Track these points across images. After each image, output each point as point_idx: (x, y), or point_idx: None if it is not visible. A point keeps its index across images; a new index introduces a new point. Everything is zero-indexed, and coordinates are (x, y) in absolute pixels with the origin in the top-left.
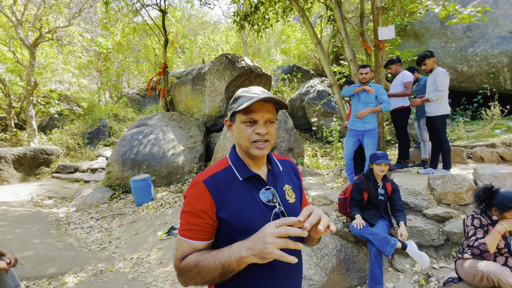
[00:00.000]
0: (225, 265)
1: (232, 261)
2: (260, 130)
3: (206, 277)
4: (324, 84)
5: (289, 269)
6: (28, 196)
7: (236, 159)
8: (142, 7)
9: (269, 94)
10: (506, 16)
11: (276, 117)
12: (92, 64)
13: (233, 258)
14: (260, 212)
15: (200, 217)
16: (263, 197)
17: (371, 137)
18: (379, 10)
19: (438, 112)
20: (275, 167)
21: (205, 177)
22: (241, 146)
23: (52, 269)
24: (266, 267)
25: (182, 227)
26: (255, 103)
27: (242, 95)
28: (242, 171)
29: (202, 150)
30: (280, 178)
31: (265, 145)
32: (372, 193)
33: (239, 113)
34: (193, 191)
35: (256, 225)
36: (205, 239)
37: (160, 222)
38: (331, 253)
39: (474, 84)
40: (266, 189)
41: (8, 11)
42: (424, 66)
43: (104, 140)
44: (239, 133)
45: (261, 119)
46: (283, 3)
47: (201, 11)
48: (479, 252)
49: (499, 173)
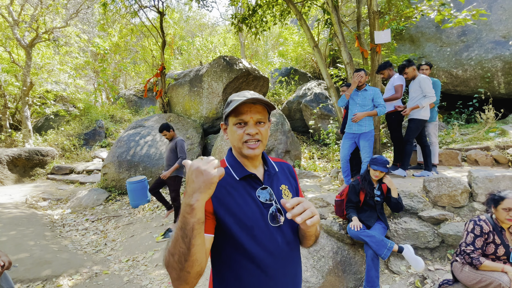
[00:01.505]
0: (182, 225)
1: (183, 213)
2: (250, 130)
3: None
4: (321, 86)
5: (285, 277)
6: (22, 198)
7: (232, 160)
8: (140, 9)
9: (258, 96)
10: (500, 21)
11: (269, 118)
12: (88, 65)
13: (185, 210)
14: (257, 210)
15: None
16: (261, 197)
17: (367, 139)
18: (375, 15)
19: (418, 116)
20: (270, 168)
21: None
22: (235, 147)
23: (47, 272)
24: (257, 271)
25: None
26: (244, 105)
27: (233, 99)
28: (238, 171)
29: (199, 151)
30: (276, 178)
31: (256, 145)
32: (368, 194)
33: (231, 116)
34: None
35: (254, 223)
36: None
37: (156, 224)
38: (328, 255)
39: (469, 88)
40: (262, 188)
41: (4, 11)
42: (405, 75)
43: (100, 141)
44: (232, 135)
45: (251, 120)
46: (280, 7)
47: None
48: (469, 261)
49: (493, 176)
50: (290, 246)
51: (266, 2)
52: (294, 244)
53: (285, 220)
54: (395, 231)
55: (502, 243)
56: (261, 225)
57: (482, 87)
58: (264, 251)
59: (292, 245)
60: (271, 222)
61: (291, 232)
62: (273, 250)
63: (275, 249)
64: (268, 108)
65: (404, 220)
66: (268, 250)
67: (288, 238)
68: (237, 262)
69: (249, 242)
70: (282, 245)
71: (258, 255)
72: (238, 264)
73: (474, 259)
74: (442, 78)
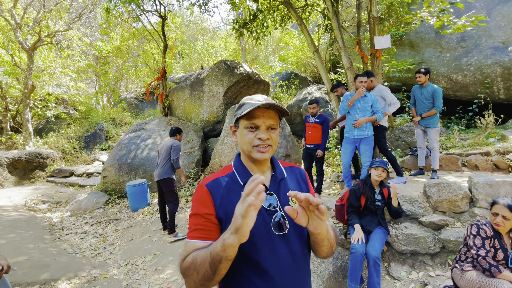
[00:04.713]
0: (212, 252)
1: (217, 247)
2: (262, 135)
3: (200, 271)
4: (321, 91)
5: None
6: (22, 200)
7: (239, 165)
8: (142, 13)
9: (272, 101)
10: (499, 27)
11: (280, 124)
12: (90, 68)
13: (218, 243)
14: (259, 216)
15: (204, 217)
16: (264, 202)
17: (368, 144)
18: (375, 20)
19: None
20: (278, 173)
21: (207, 181)
22: (244, 150)
23: (45, 275)
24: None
25: (189, 230)
26: (257, 109)
27: (246, 102)
28: (243, 175)
29: (199, 155)
30: (283, 184)
31: (267, 149)
32: (369, 198)
33: (242, 118)
34: (197, 194)
35: (255, 229)
36: (208, 238)
37: (156, 227)
38: (328, 260)
39: (469, 93)
40: (267, 194)
41: (7, 15)
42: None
43: (100, 144)
44: (242, 138)
45: (263, 125)
46: (281, 12)
47: (200, 18)
48: (487, 268)
49: (494, 181)
50: (294, 257)
51: (267, 8)
52: (300, 255)
53: (291, 229)
54: (396, 236)
55: (501, 248)
56: (262, 233)
57: (482, 93)
58: (264, 260)
59: (298, 256)
60: (275, 230)
61: (298, 242)
62: (273, 259)
63: (275, 259)
64: (281, 113)
65: (404, 226)
66: (268, 259)
67: (293, 249)
68: (238, 270)
69: (249, 249)
70: (285, 255)
71: (259, 264)
72: (239, 272)
73: (493, 266)
74: (442, 83)
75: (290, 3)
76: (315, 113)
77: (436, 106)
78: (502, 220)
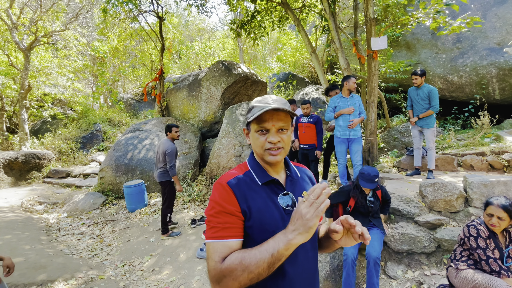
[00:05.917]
0: (274, 253)
1: (281, 247)
2: (272, 138)
3: (254, 271)
4: (318, 91)
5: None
6: (18, 201)
7: (255, 165)
8: (139, 13)
9: (281, 103)
10: (494, 28)
11: (292, 123)
12: (87, 68)
13: (281, 244)
14: (279, 216)
15: (233, 214)
16: (282, 202)
17: (359, 143)
18: (372, 21)
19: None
20: (293, 173)
21: (228, 179)
22: (257, 153)
23: (42, 276)
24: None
25: (214, 229)
26: (266, 112)
27: (256, 105)
28: (260, 176)
29: (197, 155)
30: (298, 184)
31: (278, 151)
32: (360, 202)
33: (253, 122)
34: (219, 192)
35: (276, 228)
36: (239, 236)
37: (153, 228)
38: (325, 260)
39: (464, 94)
40: (284, 194)
41: (3, 14)
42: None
43: (97, 144)
44: (254, 141)
45: (273, 128)
46: (279, 13)
47: (198, 18)
48: (498, 270)
49: (488, 181)
50: (308, 253)
51: (265, 8)
52: (313, 252)
53: None
54: (392, 236)
55: (496, 247)
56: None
57: (478, 93)
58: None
59: (311, 253)
60: None
61: (311, 240)
62: (290, 256)
63: (292, 256)
64: (291, 114)
65: (400, 225)
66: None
67: (307, 246)
68: None
69: None
70: (301, 252)
71: None
72: None
73: (504, 270)
74: (438, 84)
75: (288, 4)
76: (308, 113)
77: (433, 107)
78: (498, 221)
